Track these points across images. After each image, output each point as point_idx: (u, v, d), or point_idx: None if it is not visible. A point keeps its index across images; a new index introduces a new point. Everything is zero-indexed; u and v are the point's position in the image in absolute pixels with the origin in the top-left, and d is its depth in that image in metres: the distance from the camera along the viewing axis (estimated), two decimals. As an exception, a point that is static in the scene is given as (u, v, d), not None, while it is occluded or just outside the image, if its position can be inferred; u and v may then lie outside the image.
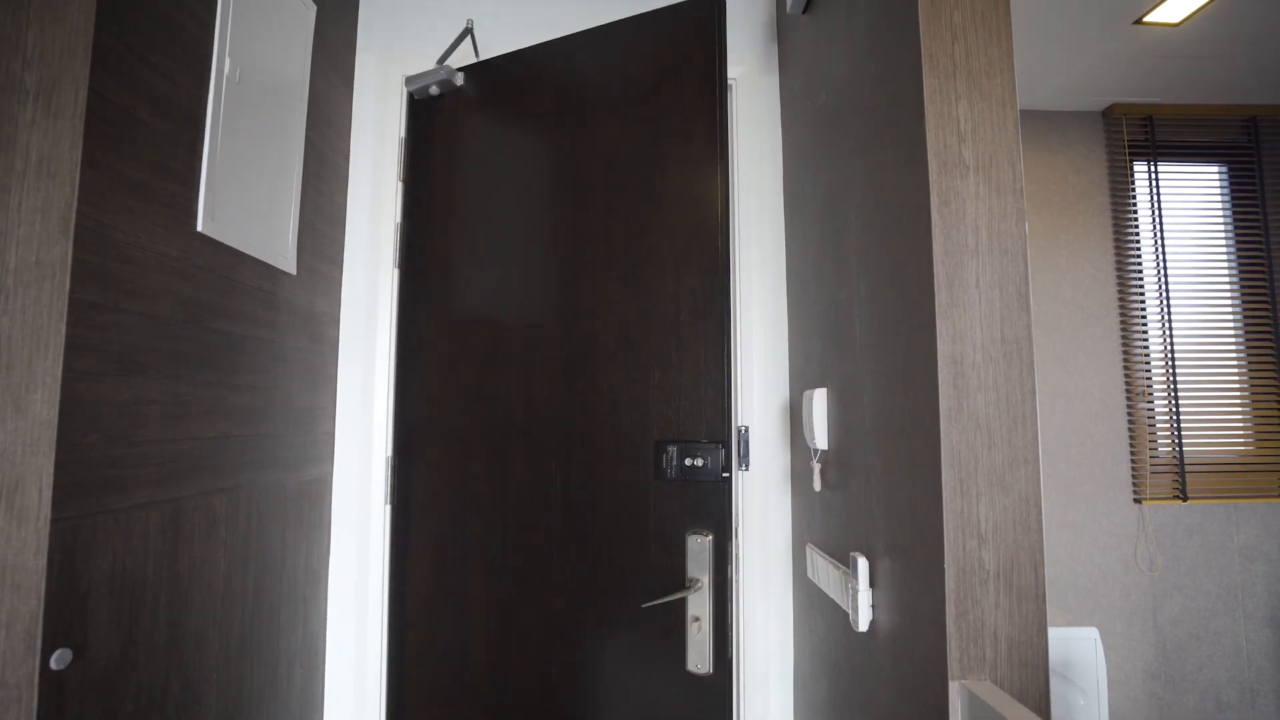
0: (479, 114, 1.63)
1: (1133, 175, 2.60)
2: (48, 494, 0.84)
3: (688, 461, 1.28)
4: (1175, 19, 2.02)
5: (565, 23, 1.78)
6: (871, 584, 1.08)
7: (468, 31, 1.67)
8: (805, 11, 1.52)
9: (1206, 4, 1.94)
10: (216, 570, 1.20)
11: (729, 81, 1.79)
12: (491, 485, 1.51)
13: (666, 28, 1.44)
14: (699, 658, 1.24)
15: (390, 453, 1.66)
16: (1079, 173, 2.59)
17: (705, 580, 1.25)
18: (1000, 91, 0.90)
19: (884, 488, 1.04)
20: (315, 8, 1.54)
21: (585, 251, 1.46)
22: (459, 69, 1.66)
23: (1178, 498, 2.45)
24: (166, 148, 1.06)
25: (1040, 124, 2.59)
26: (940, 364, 0.86)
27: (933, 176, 0.89)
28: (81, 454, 0.89)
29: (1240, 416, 2.54)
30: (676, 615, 1.28)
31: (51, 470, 0.84)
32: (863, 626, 1.08)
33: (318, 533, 1.59)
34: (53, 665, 0.84)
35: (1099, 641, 1.63)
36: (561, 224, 1.49)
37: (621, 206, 1.43)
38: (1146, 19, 2.01)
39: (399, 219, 1.72)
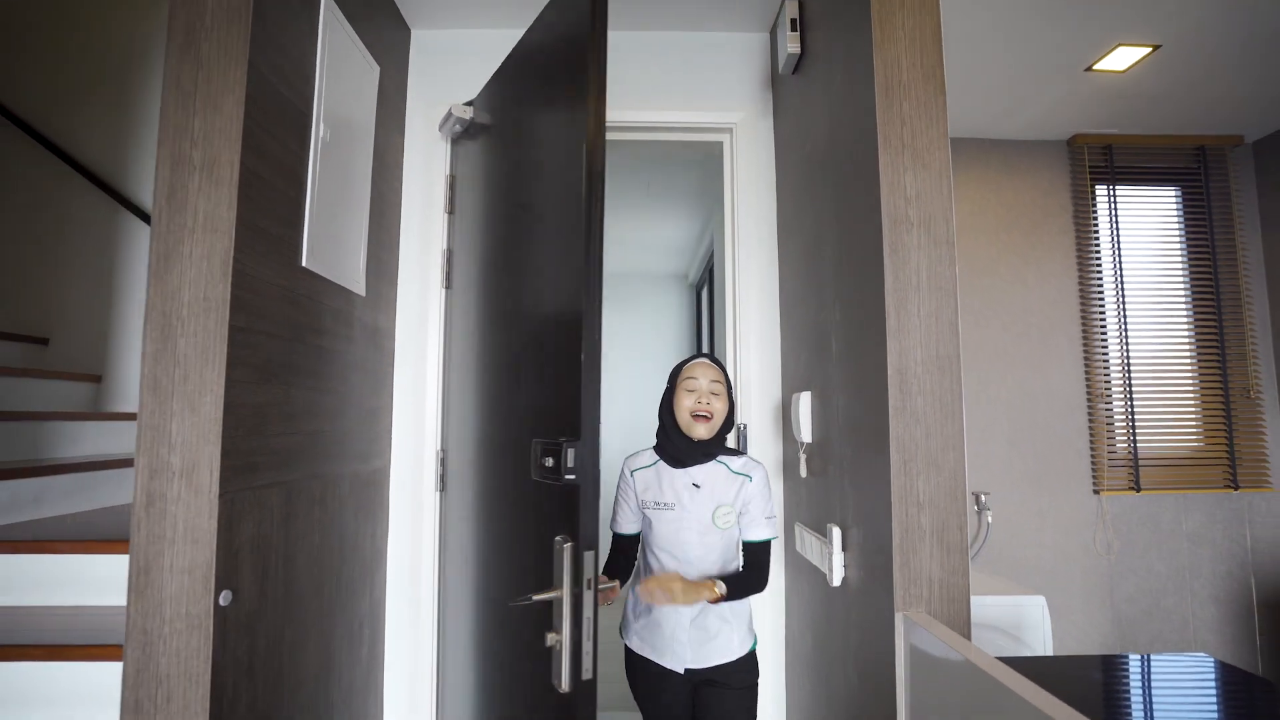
0: (486, 143, 1.90)
1: (1094, 198, 2.87)
2: (216, 474, 1.11)
3: (547, 461, 1.49)
4: (1120, 68, 2.29)
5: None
6: (843, 548, 1.36)
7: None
8: (795, 72, 1.79)
9: (1145, 56, 2.21)
10: (312, 542, 1.47)
11: (729, 124, 2.06)
12: (482, 478, 1.78)
13: (553, 13, 1.48)
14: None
15: (438, 451, 1.93)
16: (1046, 196, 2.86)
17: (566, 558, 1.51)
18: (938, 165, 1.18)
19: (852, 471, 1.31)
20: (378, 68, 1.82)
21: (517, 254, 1.72)
22: (467, 103, 1.91)
23: (1132, 489, 2.72)
24: (283, 201, 1.33)
25: (1011, 152, 2.87)
26: (890, 374, 1.13)
27: (885, 230, 1.16)
28: (234, 444, 1.16)
29: (1191, 416, 2.82)
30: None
31: (218, 456, 1.12)
32: (836, 582, 1.36)
33: (380, 514, 1.87)
34: (220, 602, 1.11)
35: (1045, 608, 1.91)
36: (509, 232, 1.76)
37: (531, 210, 1.68)
38: (1096, 67, 2.29)
39: (445, 245, 1.99)
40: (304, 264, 1.41)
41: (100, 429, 2.34)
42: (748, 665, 1.52)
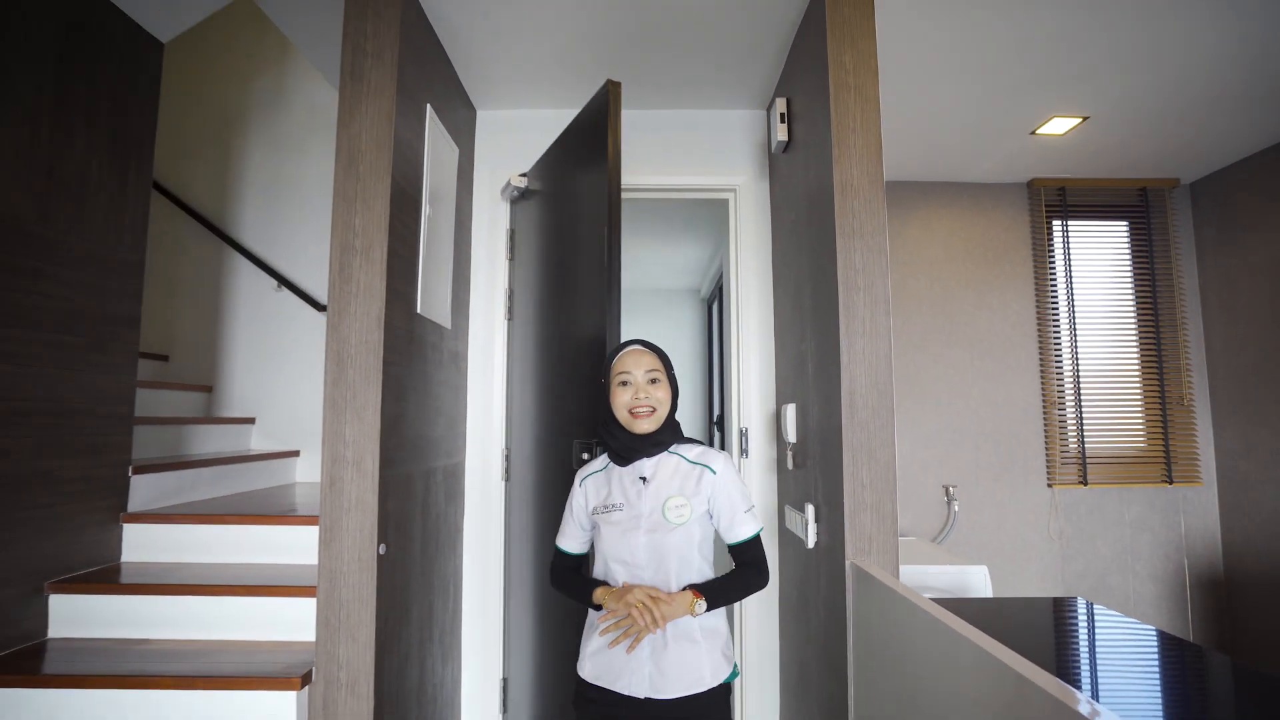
0: (537, 205, 2.40)
1: (1050, 232, 3.33)
2: (376, 463, 1.61)
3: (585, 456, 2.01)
4: (1059, 132, 2.75)
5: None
6: (815, 519, 1.84)
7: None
8: (784, 152, 2.28)
9: (1078, 124, 2.68)
10: (422, 516, 1.97)
11: (733, 186, 2.55)
12: (533, 468, 2.28)
13: (590, 111, 1.95)
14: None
15: (504, 449, 2.44)
16: (1007, 231, 3.33)
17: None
18: (878, 245, 1.66)
19: (821, 463, 1.80)
20: (458, 150, 2.32)
21: (560, 295, 2.22)
22: (522, 174, 2.41)
23: (1081, 483, 3.18)
24: (407, 267, 1.84)
25: (977, 194, 3.33)
26: (843, 394, 1.61)
27: (840, 291, 1.64)
28: (384, 441, 1.66)
29: (1135, 420, 3.27)
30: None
31: (376, 450, 1.62)
32: (810, 544, 1.84)
33: (458, 499, 2.37)
34: (379, 551, 1.61)
35: (987, 575, 2.38)
36: (555, 277, 2.26)
37: (570, 262, 2.18)
38: (1038, 132, 2.76)
39: (507, 285, 2.49)
40: (418, 311, 1.92)
41: (211, 431, 2.87)
42: (720, 704, 1.31)
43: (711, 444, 3.90)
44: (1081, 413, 3.22)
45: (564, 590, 1.41)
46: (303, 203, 3.28)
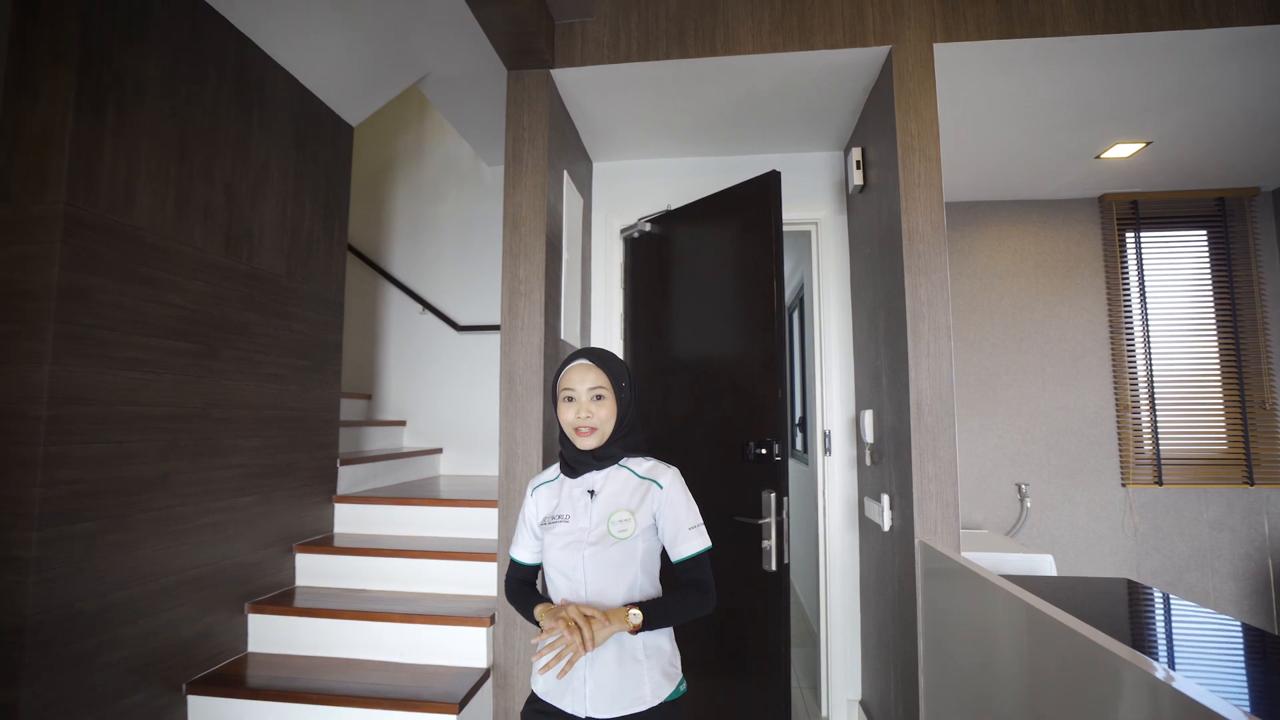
0: (659, 246, 2.85)
1: (1123, 243, 3.49)
2: (539, 456, 2.11)
3: (759, 451, 2.37)
4: (1125, 155, 2.96)
5: (699, 189, 2.97)
6: (890, 508, 2.20)
7: (667, 208, 2.90)
8: (860, 192, 2.63)
9: (1141, 148, 2.88)
10: (562, 499, 2.46)
11: (815, 219, 2.92)
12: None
13: (749, 190, 2.43)
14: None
15: (620, 444, 2.92)
16: (1078, 244, 3.52)
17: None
18: (939, 280, 2.01)
19: (894, 460, 2.16)
20: (582, 199, 2.82)
21: (711, 323, 2.64)
22: (646, 220, 2.88)
23: (1156, 483, 3.33)
24: (553, 302, 2.33)
25: (1047, 210, 3.54)
26: (911, 404, 1.97)
27: (908, 319, 2.00)
28: (544, 440, 2.16)
29: (1216, 423, 3.38)
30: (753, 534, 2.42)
31: (539, 447, 2.12)
32: (886, 528, 2.20)
33: (585, 488, 2.87)
34: (543, 524, 2.10)
35: (1053, 563, 2.65)
36: (700, 308, 2.68)
37: (728, 300, 2.59)
38: (1103, 156, 2.97)
39: (622, 310, 2.97)
40: (561, 336, 2.41)
41: (371, 432, 3.50)
42: None
43: (794, 443, 4.23)
44: (1156, 416, 3.38)
45: (514, 603, 1.37)
46: (440, 239, 3.89)
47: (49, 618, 1.55)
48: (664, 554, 1.33)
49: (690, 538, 1.28)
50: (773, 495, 2.14)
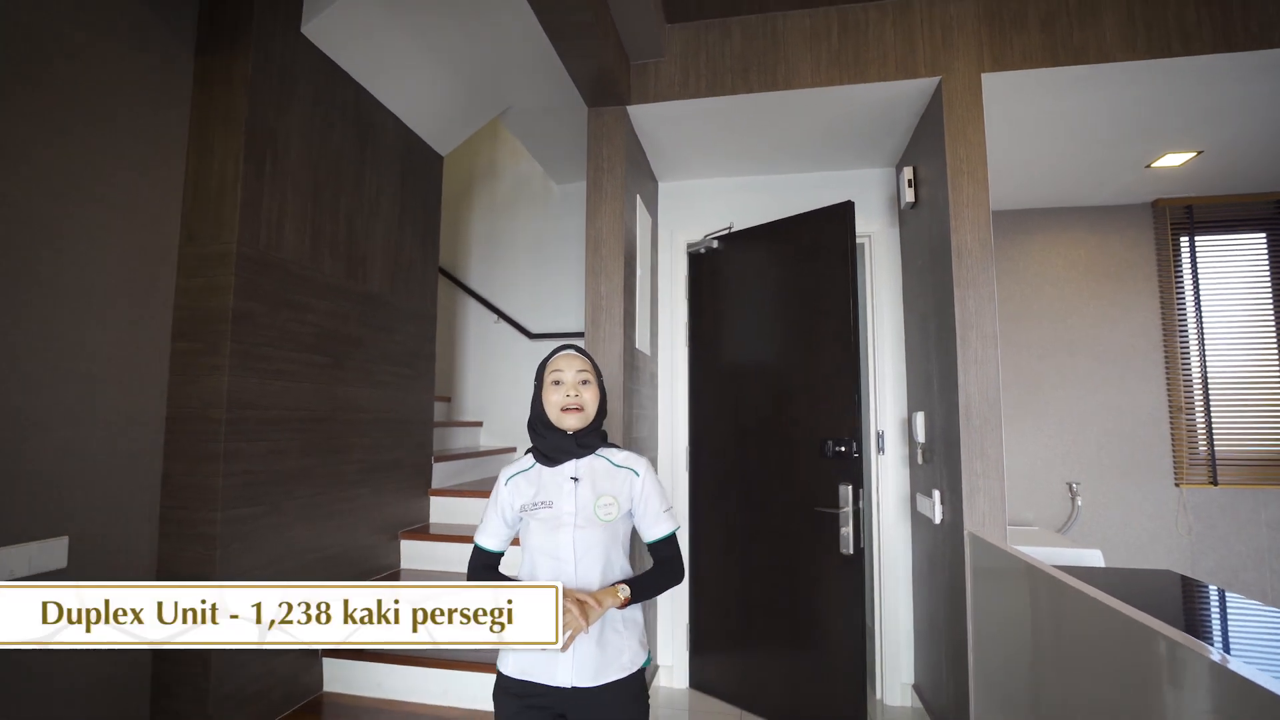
0: (725, 261, 3.08)
1: (1178, 247, 3.55)
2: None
3: (838, 448, 2.60)
4: (1176, 164, 3.03)
5: (768, 212, 3.18)
6: (941, 502, 2.38)
7: (729, 227, 3.12)
8: (912, 207, 2.81)
9: (1193, 157, 2.96)
10: (636, 493, 2.72)
11: (869, 233, 3.10)
12: (739, 460, 2.95)
13: (822, 217, 2.74)
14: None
15: (687, 444, 3.16)
16: (1131, 249, 3.58)
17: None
18: (987, 293, 2.18)
19: (944, 459, 2.34)
20: (651, 218, 3.07)
21: (783, 334, 2.85)
22: (713, 237, 3.11)
23: (1211, 483, 3.38)
24: (630, 314, 2.59)
25: (1099, 216, 3.62)
26: (960, 407, 2.15)
27: (957, 328, 2.18)
28: (623, 436, 2.41)
29: (1275, 425, 3.41)
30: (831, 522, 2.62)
31: (621, 440, 2.37)
32: (938, 521, 2.38)
33: (653, 484, 3.11)
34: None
35: (1101, 558, 2.77)
36: (769, 319, 2.90)
37: (801, 313, 2.79)
38: (1153, 165, 3.05)
39: (686, 319, 3.21)
40: (636, 346, 2.67)
41: (453, 431, 3.82)
42: (636, 693, 1.39)
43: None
44: (1210, 417, 3.43)
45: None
46: (513, 253, 4.20)
47: (232, 579, 1.88)
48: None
49: (663, 520, 1.42)
50: (849, 487, 2.44)
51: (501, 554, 1.48)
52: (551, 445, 1.41)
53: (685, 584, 3.11)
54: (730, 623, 2.93)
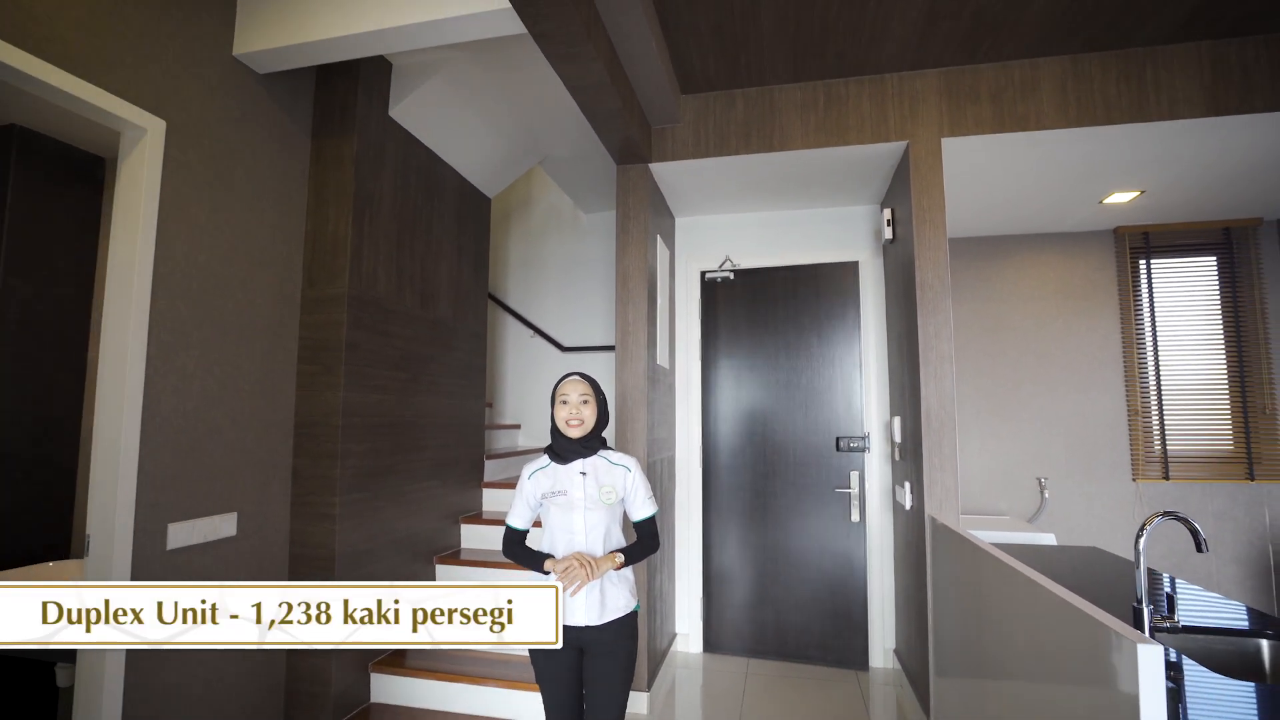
0: (737, 292, 3.58)
1: (1136, 269, 3.99)
2: (645, 454, 2.89)
3: (850, 444, 3.12)
4: (1123, 201, 3.49)
5: (771, 241, 3.68)
6: (910, 492, 2.87)
7: (726, 259, 3.63)
8: (891, 243, 3.30)
9: (1136, 196, 3.41)
10: (663, 485, 3.23)
11: (859, 260, 3.59)
12: (751, 457, 3.45)
13: (827, 271, 3.25)
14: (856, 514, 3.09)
15: (701, 444, 3.67)
16: (1096, 270, 4.03)
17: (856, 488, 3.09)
18: (944, 318, 2.67)
19: (911, 455, 2.83)
20: (669, 251, 3.58)
21: (787, 355, 3.35)
22: (730, 270, 3.62)
23: (1164, 478, 3.83)
24: (650, 335, 3.10)
25: (1066, 241, 4.07)
26: (922, 412, 2.65)
27: (920, 348, 2.68)
28: (649, 439, 2.93)
29: (1222, 426, 3.84)
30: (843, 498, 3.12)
31: (645, 449, 2.89)
32: (908, 507, 2.88)
33: (671, 481, 3.63)
34: (647, 501, 2.89)
35: (1054, 539, 3.24)
36: (775, 343, 3.40)
37: (807, 342, 3.30)
38: (1105, 201, 3.51)
39: (699, 338, 3.72)
40: (657, 361, 3.19)
41: (495, 433, 4.36)
42: (630, 630, 1.81)
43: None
44: (1164, 418, 3.87)
45: (517, 558, 1.83)
46: (546, 274, 4.74)
47: (345, 551, 2.43)
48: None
49: (647, 504, 1.87)
50: (856, 473, 3.18)
51: (527, 531, 1.89)
52: (563, 448, 1.85)
53: (699, 564, 3.63)
54: (741, 592, 3.44)
